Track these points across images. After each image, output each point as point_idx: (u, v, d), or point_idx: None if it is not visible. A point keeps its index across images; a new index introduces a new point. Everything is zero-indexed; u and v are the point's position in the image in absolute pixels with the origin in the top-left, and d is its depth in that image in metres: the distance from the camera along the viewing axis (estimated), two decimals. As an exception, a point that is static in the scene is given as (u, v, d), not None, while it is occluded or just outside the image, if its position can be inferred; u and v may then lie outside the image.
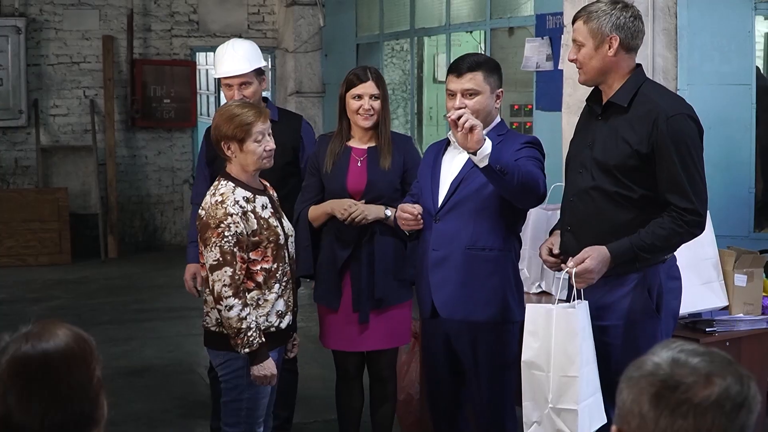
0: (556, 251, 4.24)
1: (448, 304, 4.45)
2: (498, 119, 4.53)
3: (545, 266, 4.45)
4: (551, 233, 4.39)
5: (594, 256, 3.89)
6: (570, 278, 3.90)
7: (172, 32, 13.21)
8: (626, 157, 3.92)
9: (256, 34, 13.51)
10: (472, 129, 3.87)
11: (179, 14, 13.22)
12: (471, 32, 10.99)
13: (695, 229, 3.91)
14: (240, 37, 13.23)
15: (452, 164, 4.50)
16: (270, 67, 13.76)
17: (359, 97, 4.99)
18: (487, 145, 3.93)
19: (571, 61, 4.12)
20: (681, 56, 6.42)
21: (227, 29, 13.34)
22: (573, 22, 4.11)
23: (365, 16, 12.29)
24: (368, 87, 4.98)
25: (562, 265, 4.07)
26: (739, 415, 1.77)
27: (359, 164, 5.04)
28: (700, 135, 3.97)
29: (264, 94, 5.57)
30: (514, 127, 10.03)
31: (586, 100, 4.24)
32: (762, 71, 8.37)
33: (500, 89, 4.47)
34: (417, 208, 4.38)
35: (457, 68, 4.42)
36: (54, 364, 2.11)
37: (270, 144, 4.31)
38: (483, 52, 4.58)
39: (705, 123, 4.01)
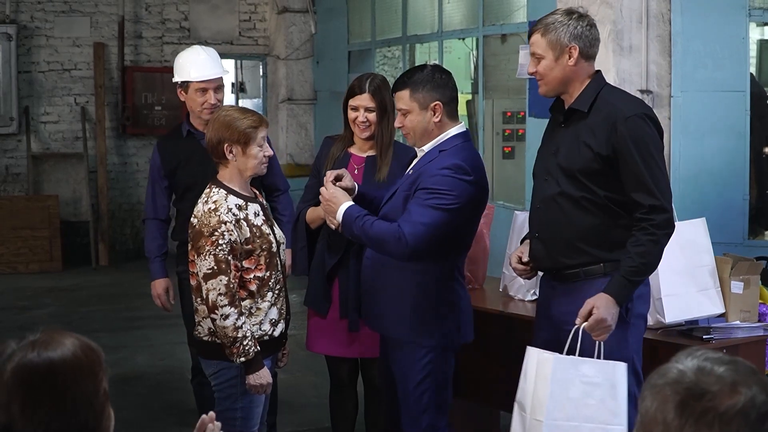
0: (525, 259, 4.29)
1: (367, 314, 4.58)
2: (444, 136, 4.33)
3: (515, 273, 4.45)
4: (522, 242, 4.43)
5: (599, 305, 3.87)
6: (579, 332, 3.87)
7: (163, 39, 13.18)
8: (589, 161, 3.97)
9: (247, 41, 13.49)
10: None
11: (170, 21, 13.19)
12: (463, 39, 10.98)
13: (667, 229, 3.93)
14: (231, 44, 13.27)
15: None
16: (261, 74, 13.75)
17: (356, 108, 4.97)
18: (339, 214, 4.25)
19: (531, 74, 4.16)
20: (675, 63, 6.42)
21: (218, 36, 13.31)
22: (530, 36, 4.14)
23: (357, 23, 12.28)
24: (363, 99, 4.92)
25: (577, 322, 3.96)
26: (765, 425, 1.76)
27: (356, 172, 5.00)
28: (659, 134, 4.02)
29: (257, 101, 5.60)
30: (506, 134, 10.01)
31: (549, 109, 4.28)
32: (756, 78, 8.36)
33: (435, 102, 4.28)
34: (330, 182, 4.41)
35: (392, 89, 4.43)
36: (60, 374, 2.06)
37: (269, 150, 4.32)
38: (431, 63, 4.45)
39: (699, 130, 4.01)
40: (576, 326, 3.90)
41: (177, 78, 5.41)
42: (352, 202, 4.29)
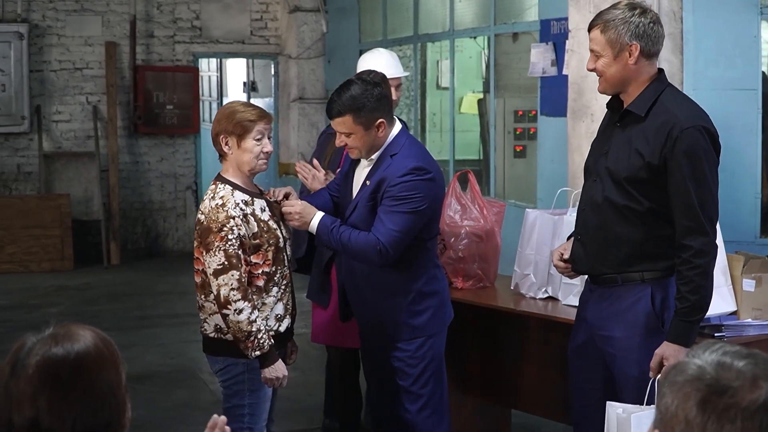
0: (566, 256, 4.21)
1: (363, 324, 4.63)
2: (389, 140, 4.35)
3: (557, 271, 4.42)
4: (568, 238, 4.36)
5: (667, 355, 3.79)
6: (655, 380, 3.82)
7: (175, 38, 13.19)
8: (637, 169, 3.84)
9: (258, 41, 13.50)
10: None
11: (182, 20, 13.20)
12: (475, 38, 10.97)
13: (707, 255, 3.83)
14: (243, 43, 13.30)
15: (357, 181, 4.50)
16: (273, 73, 13.76)
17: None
18: (313, 226, 4.34)
19: (590, 70, 4.00)
20: (686, 61, 6.39)
21: (230, 35, 13.32)
22: (589, 30, 3.96)
23: (368, 22, 12.28)
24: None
25: (650, 375, 3.89)
26: None
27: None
28: (716, 149, 3.88)
29: (268, 100, 5.60)
30: (517, 133, 10.00)
31: (607, 104, 4.14)
32: None
33: (379, 120, 4.28)
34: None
35: (328, 112, 4.37)
36: (86, 366, 2.02)
37: (268, 146, 4.24)
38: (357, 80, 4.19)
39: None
40: (651, 379, 3.82)
41: None
42: (323, 213, 4.37)
